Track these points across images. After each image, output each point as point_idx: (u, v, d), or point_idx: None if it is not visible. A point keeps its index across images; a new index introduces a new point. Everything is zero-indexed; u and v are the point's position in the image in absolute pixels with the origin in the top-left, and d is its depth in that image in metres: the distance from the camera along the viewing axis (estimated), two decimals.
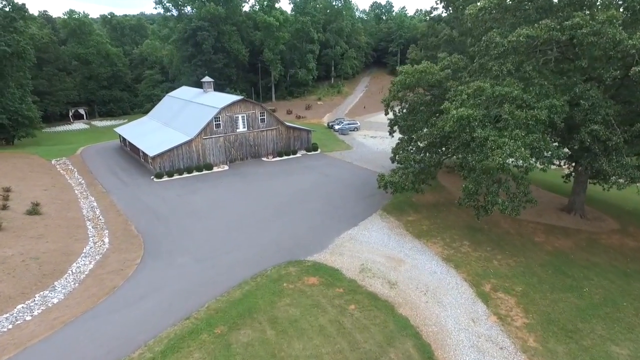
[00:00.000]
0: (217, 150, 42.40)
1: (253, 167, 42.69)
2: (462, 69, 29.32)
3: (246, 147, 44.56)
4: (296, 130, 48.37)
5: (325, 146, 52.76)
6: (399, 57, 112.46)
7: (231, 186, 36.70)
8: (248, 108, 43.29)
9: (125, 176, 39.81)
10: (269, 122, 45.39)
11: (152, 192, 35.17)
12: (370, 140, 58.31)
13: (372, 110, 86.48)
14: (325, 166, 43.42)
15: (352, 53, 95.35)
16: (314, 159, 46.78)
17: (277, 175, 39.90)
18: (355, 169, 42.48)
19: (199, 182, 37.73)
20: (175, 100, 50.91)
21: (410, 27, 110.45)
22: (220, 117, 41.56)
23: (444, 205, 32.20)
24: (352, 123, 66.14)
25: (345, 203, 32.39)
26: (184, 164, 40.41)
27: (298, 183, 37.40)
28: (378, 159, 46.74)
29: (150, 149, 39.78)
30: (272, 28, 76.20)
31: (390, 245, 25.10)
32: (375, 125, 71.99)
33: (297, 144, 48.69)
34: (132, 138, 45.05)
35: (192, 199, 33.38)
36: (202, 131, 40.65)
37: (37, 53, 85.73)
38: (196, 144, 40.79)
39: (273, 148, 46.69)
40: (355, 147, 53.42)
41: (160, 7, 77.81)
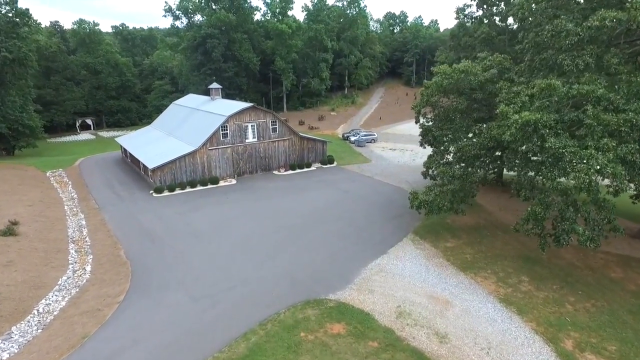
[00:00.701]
0: (224, 163, 38.40)
1: (263, 182, 38.53)
2: (506, 69, 24.93)
3: (256, 159, 40.52)
4: (310, 141, 44.26)
5: (341, 159, 48.53)
6: (414, 68, 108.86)
7: (238, 203, 32.49)
8: (258, 116, 39.39)
9: (122, 190, 35.94)
10: (281, 132, 41.39)
11: (149, 208, 31.13)
12: (390, 153, 53.94)
13: (388, 121, 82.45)
14: (343, 181, 39.04)
15: (366, 62, 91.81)
16: (330, 172, 42.48)
17: (290, 191, 35.64)
18: (376, 185, 38.01)
19: (202, 198, 33.63)
20: (181, 109, 47.37)
21: (426, 36, 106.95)
22: (228, 125, 37.68)
23: (486, 228, 27.46)
24: (369, 134, 61.93)
25: (370, 225, 27.87)
26: (187, 178, 36.45)
27: (314, 200, 33.05)
28: (401, 173, 42.30)
29: (150, 160, 35.94)
30: (285, 36, 73.08)
31: (431, 280, 20.43)
32: (393, 137, 67.80)
33: (311, 156, 44.52)
34: (133, 149, 41.37)
35: (193, 217, 29.20)
36: (207, 141, 36.75)
37: (45, 62, 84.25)
38: (201, 156, 36.87)
39: (285, 160, 42.58)
40: (374, 160, 49.06)
41: (169, 15, 75.48)
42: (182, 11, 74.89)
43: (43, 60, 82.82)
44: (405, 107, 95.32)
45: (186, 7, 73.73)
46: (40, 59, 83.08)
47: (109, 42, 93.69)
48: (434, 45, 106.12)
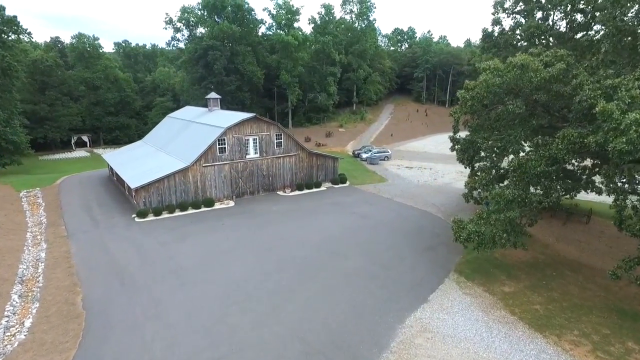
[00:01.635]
0: (221, 182, 33.07)
1: (266, 204, 33.06)
2: (570, 65, 19.70)
3: (258, 178, 35.18)
4: (320, 158, 38.98)
5: (354, 178, 43.14)
6: (424, 84, 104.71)
7: (235, 230, 26.93)
8: (261, 129, 34.28)
9: (100, 214, 30.56)
10: (286, 147, 36.18)
11: (127, 237, 25.64)
12: (407, 171, 48.52)
13: (400, 138, 77.55)
14: (359, 203, 33.50)
15: (376, 77, 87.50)
16: (343, 193, 36.99)
17: (298, 216, 30.09)
18: (398, 208, 32.42)
19: (193, 224, 28.13)
20: (175, 121, 42.50)
21: (437, 51, 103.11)
22: (226, 139, 32.55)
23: (547, 265, 21.65)
24: (383, 151, 56.70)
25: (399, 260, 22.16)
26: (177, 199, 31.09)
27: (326, 227, 27.44)
28: (424, 195, 36.76)
29: (134, 179, 30.70)
30: (291, 48, 69.05)
31: (498, 346, 14.57)
32: (407, 154, 62.62)
33: (321, 175, 39.14)
34: (117, 166, 36.26)
35: (179, 249, 23.62)
36: (201, 157, 31.55)
37: (41, 76, 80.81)
38: (193, 173, 31.60)
39: (291, 179, 37.21)
40: (391, 180, 43.59)
41: (170, 27, 71.97)
42: (183, 23, 71.35)
43: (38, 75, 79.50)
44: (416, 124, 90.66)
45: (187, 18, 70.21)
46: (36, 73, 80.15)
47: (109, 57, 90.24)
48: (445, 60, 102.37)
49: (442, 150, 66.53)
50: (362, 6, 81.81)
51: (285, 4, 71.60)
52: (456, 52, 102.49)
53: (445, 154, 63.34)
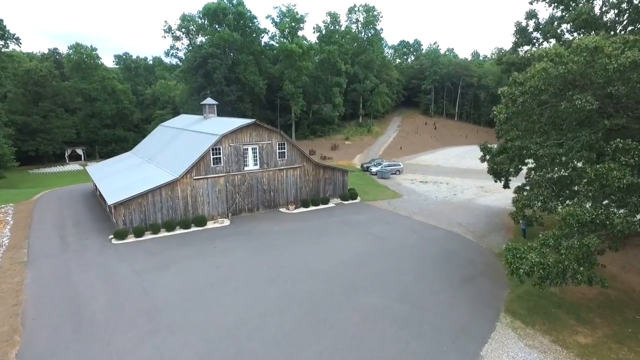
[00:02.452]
0: (215, 197, 28.77)
1: (266, 223, 28.66)
2: None
3: (257, 193, 30.88)
4: (328, 171, 34.72)
5: (365, 193, 38.77)
6: (432, 96, 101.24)
7: (229, 256, 22.46)
8: (262, 137, 30.16)
9: (74, 234, 26.21)
10: (290, 158, 31.99)
11: (98, 264, 21.21)
12: (422, 186, 44.11)
13: (409, 151, 73.52)
14: (374, 222, 29.04)
15: (383, 88, 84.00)
16: (354, 210, 32.57)
17: (303, 237, 25.63)
18: (420, 228, 27.93)
19: (180, 248, 23.69)
20: (167, 130, 38.55)
21: (445, 63, 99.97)
22: (221, 148, 28.41)
23: (625, 304, 17.04)
24: (394, 164, 52.46)
25: (432, 296, 17.60)
26: (163, 217, 26.75)
27: (338, 252, 22.95)
28: (447, 212, 32.32)
29: (113, 194, 26.46)
30: (295, 57, 65.72)
31: None
32: (419, 167, 58.42)
33: (328, 190, 34.82)
34: (99, 179, 32.14)
35: (158, 280, 19.15)
36: (192, 168, 27.34)
37: (34, 87, 77.78)
38: (183, 187, 27.34)
39: (296, 194, 32.88)
40: (406, 195, 39.17)
41: (169, 35, 69.02)
42: (183, 32, 68.40)
43: (32, 85, 76.45)
44: (425, 137, 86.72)
45: (187, 27, 67.27)
46: (29, 84, 77.13)
47: (106, 67, 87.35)
48: (453, 72, 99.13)
49: (456, 164, 62.39)
50: (368, 15, 79.00)
51: (289, 12, 68.73)
52: (465, 64, 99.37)
53: (461, 168, 59.18)
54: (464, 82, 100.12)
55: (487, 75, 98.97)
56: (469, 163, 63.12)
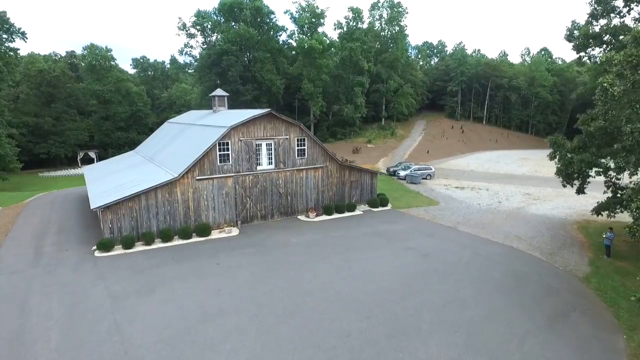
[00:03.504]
0: (221, 201, 24.12)
1: (282, 233, 23.81)
2: None
3: (272, 197, 26.12)
4: (354, 172, 29.73)
5: (396, 199, 33.57)
6: (459, 99, 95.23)
7: (234, 276, 17.66)
8: (278, 130, 25.46)
9: (53, 243, 21.94)
10: (311, 157, 27.17)
11: (68, 284, 16.71)
12: (459, 192, 38.58)
13: (437, 155, 67.83)
14: (413, 234, 23.83)
15: (408, 88, 78.74)
16: (387, 219, 27.40)
17: (328, 252, 20.62)
18: (470, 242, 22.57)
19: (174, 264, 19.02)
20: (173, 127, 34.41)
21: (473, 63, 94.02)
22: (230, 143, 23.81)
23: None
24: (424, 168, 47.04)
25: (516, 344, 12.28)
26: (159, 224, 22.21)
27: (373, 273, 17.83)
28: (497, 223, 26.88)
29: (99, 197, 22.13)
30: (314, 54, 61.40)
31: None
32: (451, 172, 52.79)
33: (355, 194, 29.79)
34: (91, 180, 28.02)
35: (137, 310, 14.43)
36: (194, 166, 22.80)
37: (46, 88, 75.83)
38: (183, 189, 22.79)
39: (317, 199, 27.98)
40: (444, 202, 33.76)
41: (183, 33, 65.85)
42: (197, 29, 65.06)
43: (44, 86, 74.49)
44: (452, 141, 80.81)
45: (202, 23, 63.89)
46: (42, 84, 75.20)
47: (121, 69, 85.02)
48: (482, 73, 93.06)
49: (491, 169, 56.45)
50: (392, 11, 74.21)
51: (309, 6, 64.61)
52: (495, 63, 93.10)
53: (498, 173, 53.25)
54: (493, 84, 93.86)
55: (519, 76, 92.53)
56: (506, 168, 57.22)
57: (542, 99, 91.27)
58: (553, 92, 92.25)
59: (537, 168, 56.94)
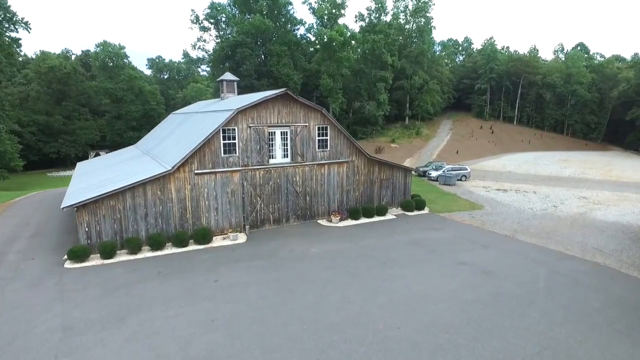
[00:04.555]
0: (225, 201, 19.79)
1: (299, 241, 19.28)
2: None
3: (288, 197, 21.65)
4: (385, 168, 25.02)
5: (431, 202, 28.68)
6: (488, 97, 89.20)
7: (235, 299, 13.18)
8: (295, 116, 21.05)
9: (20, 251, 17.98)
10: (335, 149, 22.63)
11: (16, 306, 12.56)
12: (503, 195, 33.37)
13: (468, 156, 62.37)
14: (463, 245, 18.94)
15: (434, 85, 73.50)
16: (426, 225, 22.55)
17: (357, 267, 15.95)
18: (540, 256, 17.55)
19: (160, 280, 14.71)
20: (177, 117, 30.50)
21: (504, 60, 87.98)
22: (236, 130, 19.50)
23: None
24: (459, 168, 41.86)
25: None
26: (149, 229, 18.01)
27: (421, 297, 13.05)
28: (563, 231, 21.81)
29: (74, 194, 18.12)
30: (334, 46, 57.05)
31: None
32: (486, 174, 47.43)
33: (386, 195, 25.06)
34: (78, 176, 24.16)
35: (93, 352, 10.08)
36: (190, 157, 18.55)
37: (57, 85, 73.91)
38: (178, 186, 18.55)
39: (341, 200, 23.37)
40: (489, 206, 28.66)
41: (196, 26, 62.60)
42: (211, 22, 61.66)
43: (55, 83, 72.53)
44: (482, 142, 74.98)
45: (215, 15, 60.45)
46: (52, 82, 73.31)
47: (134, 66, 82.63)
48: (513, 70, 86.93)
49: (530, 171, 50.70)
50: (418, 2, 69.31)
51: None
52: (527, 59, 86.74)
53: (540, 175, 47.52)
54: (526, 81, 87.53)
55: (553, 73, 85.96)
56: (547, 169, 51.42)
57: (580, 97, 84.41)
58: (592, 90, 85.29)
59: (583, 170, 50.97)
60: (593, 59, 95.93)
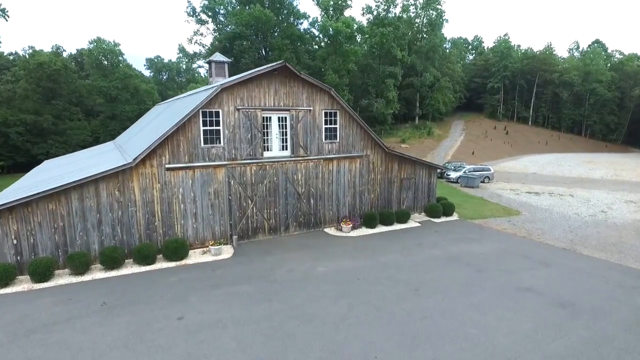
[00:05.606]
0: (206, 203, 15.39)
1: (301, 257, 14.78)
2: None
3: (287, 198, 17.19)
4: (406, 164, 20.54)
5: (458, 207, 24.13)
6: (501, 96, 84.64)
7: (206, 346, 8.66)
8: (296, 97, 16.68)
9: None
10: (346, 140, 18.21)
11: None
12: (536, 199, 28.88)
13: (483, 157, 57.86)
14: (514, 261, 14.37)
15: (445, 82, 69.09)
16: (460, 234, 18.01)
17: (382, 295, 11.41)
18: (629, 279, 12.89)
19: (99, 317, 10.26)
20: (160, 107, 26.23)
21: (518, 57, 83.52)
22: (221, 114, 15.17)
23: None
24: (482, 169, 37.32)
25: None
26: (104, 240, 13.63)
27: (485, 348, 8.46)
28: (632, 241, 17.08)
29: (1, 197, 13.75)
30: (340, 38, 52.86)
31: None
32: (510, 175, 42.91)
33: (406, 197, 20.57)
34: (33, 174, 19.86)
35: None
36: (159, 147, 14.22)
37: (46, 83, 70.34)
38: (144, 184, 14.17)
39: (353, 203, 18.89)
40: (527, 212, 24.15)
41: (193, 19, 58.63)
42: (209, 14, 57.69)
43: (44, 80, 68.89)
44: (497, 143, 70.38)
45: (213, 7, 56.47)
46: (42, 79, 69.71)
47: (129, 64, 78.84)
48: (528, 68, 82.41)
49: (557, 172, 46.09)
50: None
51: None
52: (543, 56, 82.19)
53: (570, 177, 42.81)
54: (541, 79, 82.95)
55: (571, 71, 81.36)
56: (574, 171, 46.81)
57: (599, 96, 79.71)
58: (611, 89, 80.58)
59: (615, 172, 46.28)
60: (612, 57, 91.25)
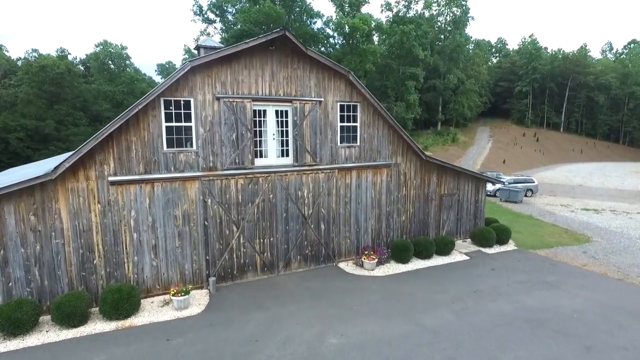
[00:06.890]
0: (171, 231, 10.73)
1: (305, 314, 9.87)
2: None
3: (288, 223, 12.39)
4: (449, 176, 15.57)
5: None
6: (530, 101, 78.58)
7: None
8: (301, 83, 12.01)
9: None
10: (369, 143, 13.40)
11: None
12: (598, 218, 23.69)
13: (514, 166, 52.30)
14: (629, 328, 9.13)
15: (471, 85, 63.75)
16: (529, 276, 12.80)
17: None
18: None
19: None
20: None
21: (548, 58, 77.56)
22: (192, 104, 10.57)
23: None
24: (524, 180, 31.87)
25: None
26: (10, 289, 9.07)
27: None
28: None
29: None
30: (356, 36, 48.38)
31: None
32: (553, 187, 37.38)
33: (449, 218, 15.53)
34: None
35: None
36: (95, 150, 9.66)
37: (49, 87, 67.91)
38: (74, 204, 9.63)
39: (378, 228, 13.97)
40: (599, 237, 18.96)
41: (199, 19, 55.15)
42: (216, 13, 54.09)
43: (47, 84, 66.44)
44: (528, 151, 64.38)
45: (220, 5, 52.80)
46: (45, 83, 67.35)
47: (136, 68, 76.19)
48: (558, 70, 76.33)
49: (607, 184, 40.24)
50: None
51: None
52: (576, 58, 76.01)
53: (627, 190, 36.93)
54: (574, 82, 76.70)
55: (608, 73, 74.92)
56: (626, 183, 40.96)
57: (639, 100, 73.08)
58: None
59: None
60: None
